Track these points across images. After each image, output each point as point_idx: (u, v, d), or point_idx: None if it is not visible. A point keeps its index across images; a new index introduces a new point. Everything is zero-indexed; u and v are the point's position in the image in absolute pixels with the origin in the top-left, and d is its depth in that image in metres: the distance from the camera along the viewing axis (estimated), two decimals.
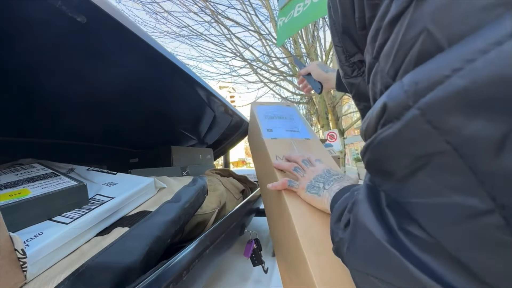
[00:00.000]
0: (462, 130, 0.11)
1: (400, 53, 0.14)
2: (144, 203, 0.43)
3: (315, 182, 0.37)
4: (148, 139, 0.94)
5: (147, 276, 0.28)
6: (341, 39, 0.24)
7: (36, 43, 0.37)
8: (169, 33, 4.74)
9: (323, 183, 0.36)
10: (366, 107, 0.25)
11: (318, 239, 0.33)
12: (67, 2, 0.30)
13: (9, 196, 0.31)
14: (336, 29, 0.24)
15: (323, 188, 0.35)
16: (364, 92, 0.25)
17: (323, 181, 0.36)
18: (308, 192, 0.37)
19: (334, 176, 0.36)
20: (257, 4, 4.34)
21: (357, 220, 0.19)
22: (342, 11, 0.22)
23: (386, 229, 0.16)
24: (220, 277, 0.67)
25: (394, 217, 0.16)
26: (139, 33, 0.39)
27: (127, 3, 8.06)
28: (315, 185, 0.37)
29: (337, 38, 0.24)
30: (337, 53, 0.25)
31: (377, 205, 0.18)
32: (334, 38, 0.25)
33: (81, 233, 0.31)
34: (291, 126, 0.61)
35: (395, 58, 0.14)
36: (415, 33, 0.13)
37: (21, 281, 0.23)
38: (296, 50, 4.26)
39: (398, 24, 0.14)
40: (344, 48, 0.24)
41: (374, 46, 0.17)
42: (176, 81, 0.60)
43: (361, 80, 0.24)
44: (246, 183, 0.98)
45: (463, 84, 0.10)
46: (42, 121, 0.59)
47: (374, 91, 0.18)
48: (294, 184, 0.40)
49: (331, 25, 0.25)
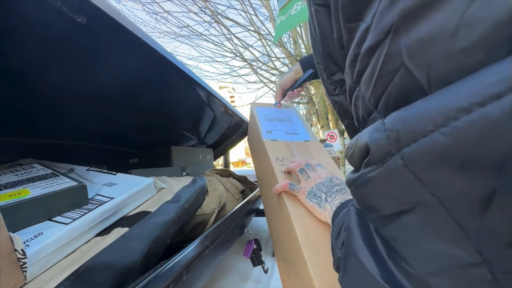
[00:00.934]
0: (446, 185, 0.10)
1: (380, 84, 0.14)
2: (144, 203, 0.44)
3: (317, 191, 0.37)
4: (148, 139, 0.94)
5: (147, 276, 0.28)
6: (322, 57, 0.23)
7: (36, 44, 0.37)
8: (169, 33, 4.74)
9: (325, 194, 0.35)
10: (350, 124, 0.25)
11: (317, 240, 0.33)
12: (67, 3, 0.30)
13: (9, 196, 0.31)
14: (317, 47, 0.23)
15: (324, 200, 0.34)
16: (347, 110, 0.24)
17: (325, 191, 0.35)
18: (309, 199, 0.37)
19: (336, 186, 0.35)
20: (257, 4, 4.33)
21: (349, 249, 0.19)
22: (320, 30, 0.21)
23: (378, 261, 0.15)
24: (220, 277, 0.67)
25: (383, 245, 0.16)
26: (139, 34, 0.39)
27: (127, 3, 8.07)
28: (317, 193, 0.36)
29: (318, 55, 0.24)
30: (319, 70, 0.25)
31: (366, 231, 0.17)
32: (316, 55, 0.24)
33: (81, 233, 0.31)
34: (291, 128, 0.61)
35: (375, 88, 0.14)
36: (392, 67, 0.13)
37: (21, 281, 0.23)
38: (296, 50, 4.26)
39: (376, 55, 0.14)
40: (325, 65, 0.24)
41: (353, 71, 0.16)
42: (176, 81, 0.60)
43: (343, 98, 0.24)
44: (246, 183, 0.98)
45: (446, 143, 0.10)
46: (42, 121, 0.60)
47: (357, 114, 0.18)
48: (295, 188, 0.39)
49: (312, 41, 0.24)
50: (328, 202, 0.33)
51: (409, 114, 0.11)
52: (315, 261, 0.31)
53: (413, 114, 0.11)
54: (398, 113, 0.12)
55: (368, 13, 0.14)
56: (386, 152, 0.12)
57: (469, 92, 0.09)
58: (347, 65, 0.17)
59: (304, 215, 0.37)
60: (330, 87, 0.25)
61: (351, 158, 0.16)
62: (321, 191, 0.36)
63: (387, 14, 0.12)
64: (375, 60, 0.14)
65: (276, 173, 0.46)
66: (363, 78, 0.15)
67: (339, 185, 0.36)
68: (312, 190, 0.37)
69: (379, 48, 0.13)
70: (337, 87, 0.24)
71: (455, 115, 0.10)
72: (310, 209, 0.37)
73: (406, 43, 0.12)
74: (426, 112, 0.11)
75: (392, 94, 0.13)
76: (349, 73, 0.17)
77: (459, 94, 0.10)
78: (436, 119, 0.10)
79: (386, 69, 0.13)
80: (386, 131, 0.12)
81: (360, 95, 0.16)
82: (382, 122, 0.13)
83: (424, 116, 0.11)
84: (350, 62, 0.17)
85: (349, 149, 0.17)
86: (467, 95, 0.09)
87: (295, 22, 2.03)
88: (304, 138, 0.58)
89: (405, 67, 0.12)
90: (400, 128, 0.12)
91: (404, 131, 0.11)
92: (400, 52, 0.12)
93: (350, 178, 0.17)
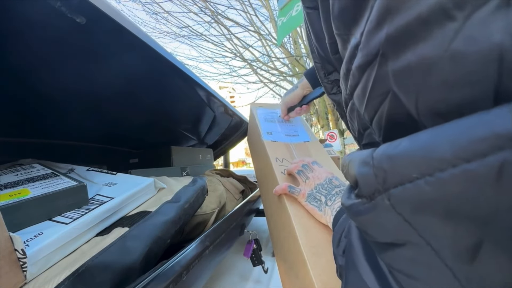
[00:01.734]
0: (433, 231, 0.10)
1: (371, 104, 0.13)
2: (144, 203, 0.44)
3: (316, 193, 0.36)
4: (148, 139, 0.94)
5: (147, 276, 0.28)
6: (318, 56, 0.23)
7: (36, 44, 0.37)
8: (169, 33, 4.75)
9: (324, 197, 0.35)
10: None
11: (317, 240, 0.33)
12: (66, 3, 0.30)
13: (9, 196, 0.31)
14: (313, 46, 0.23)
15: (325, 203, 0.34)
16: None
17: (325, 193, 0.35)
18: (309, 202, 0.36)
19: (336, 188, 0.35)
20: (257, 4, 4.34)
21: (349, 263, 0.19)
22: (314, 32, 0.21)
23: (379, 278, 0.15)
24: (220, 277, 0.67)
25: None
26: (138, 34, 0.39)
27: (127, 4, 8.06)
28: (316, 196, 0.36)
29: (314, 54, 0.24)
30: (316, 69, 0.25)
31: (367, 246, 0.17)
32: (313, 54, 0.24)
33: (81, 233, 0.31)
34: (291, 130, 0.61)
35: (368, 106, 0.14)
36: (382, 91, 0.12)
37: (21, 281, 0.23)
38: (296, 50, 4.26)
39: (366, 74, 0.13)
40: (322, 65, 0.23)
41: (346, 84, 0.16)
42: (176, 81, 0.60)
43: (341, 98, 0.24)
44: (246, 184, 0.98)
45: (432, 194, 0.10)
46: (42, 121, 0.60)
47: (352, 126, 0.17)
48: (295, 190, 0.39)
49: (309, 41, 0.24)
50: (328, 206, 0.33)
51: (396, 155, 0.11)
52: (315, 261, 0.31)
53: (400, 155, 0.11)
54: (386, 150, 0.12)
55: (357, 29, 0.14)
56: (374, 189, 0.12)
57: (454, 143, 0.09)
58: (341, 77, 0.17)
59: (304, 216, 0.37)
60: (328, 86, 0.24)
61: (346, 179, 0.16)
62: (320, 193, 0.36)
63: (374, 37, 0.12)
64: (365, 80, 0.13)
65: (276, 174, 0.46)
66: (355, 93, 0.15)
67: (339, 186, 0.35)
68: (311, 192, 0.37)
69: (368, 68, 0.13)
70: (335, 86, 0.24)
71: (440, 166, 0.09)
72: (311, 212, 0.36)
73: (393, 68, 0.11)
74: (411, 157, 0.10)
75: (383, 117, 0.13)
76: (343, 85, 0.17)
77: (444, 142, 0.09)
78: (421, 166, 0.10)
79: (376, 91, 0.13)
80: (374, 168, 0.12)
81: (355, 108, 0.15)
82: (371, 155, 0.13)
83: (409, 161, 0.10)
84: (343, 75, 0.16)
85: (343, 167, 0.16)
86: (452, 147, 0.09)
87: (296, 23, 2.03)
88: (304, 139, 0.58)
89: (393, 93, 0.12)
90: (387, 168, 0.11)
91: (391, 172, 0.11)
92: (388, 76, 0.12)
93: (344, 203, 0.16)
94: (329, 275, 0.29)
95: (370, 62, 0.13)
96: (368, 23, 0.12)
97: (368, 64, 0.13)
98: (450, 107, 0.10)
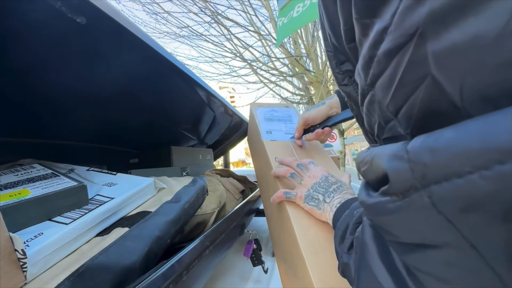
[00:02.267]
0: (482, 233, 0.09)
1: (400, 93, 0.12)
2: (144, 203, 0.44)
3: (314, 193, 0.36)
4: (148, 139, 0.94)
5: (147, 276, 0.28)
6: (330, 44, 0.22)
7: (36, 44, 0.37)
8: (169, 33, 4.75)
9: (322, 195, 0.34)
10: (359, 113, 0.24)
11: (316, 239, 0.33)
12: (66, 3, 0.30)
13: (9, 196, 0.31)
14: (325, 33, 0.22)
15: (323, 201, 0.34)
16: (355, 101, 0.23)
17: (322, 191, 0.35)
18: (307, 203, 0.36)
19: (333, 185, 0.35)
20: (257, 4, 4.34)
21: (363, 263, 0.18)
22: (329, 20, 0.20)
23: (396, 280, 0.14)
24: (220, 277, 0.67)
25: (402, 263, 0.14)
26: (139, 34, 0.39)
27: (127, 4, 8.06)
28: (314, 196, 0.35)
29: (327, 42, 0.23)
30: (328, 58, 0.24)
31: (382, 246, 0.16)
32: (325, 42, 0.23)
33: (81, 233, 0.31)
34: (291, 128, 0.61)
35: (395, 96, 0.13)
36: (416, 77, 0.11)
37: (21, 281, 0.23)
38: (296, 50, 4.26)
39: (395, 60, 0.12)
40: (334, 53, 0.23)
41: (367, 73, 0.14)
42: (176, 81, 0.60)
43: (352, 89, 0.23)
44: (246, 184, 0.98)
45: (488, 189, 0.08)
46: (42, 122, 0.60)
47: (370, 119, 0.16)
48: (291, 195, 0.38)
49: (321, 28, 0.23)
50: (327, 203, 0.33)
51: (439, 147, 0.10)
52: (314, 261, 0.31)
53: (445, 148, 0.10)
54: (425, 142, 0.11)
55: (386, 10, 0.12)
56: (409, 185, 0.11)
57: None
58: (360, 66, 0.15)
59: (303, 215, 0.37)
60: (339, 77, 0.23)
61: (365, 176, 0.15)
62: (318, 192, 0.35)
63: (411, 15, 0.11)
64: (394, 66, 0.12)
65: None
66: (378, 83, 0.14)
67: (335, 183, 0.35)
68: (309, 193, 0.36)
69: (399, 52, 0.12)
70: (346, 77, 0.23)
71: (500, 157, 0.08)
72: (310, 212, 0.36)
73: (434, 50, 0.10)
74: (462, 148, 0.09)
75: (416, 106, 0.12)
76: (362, 74, 0.15)
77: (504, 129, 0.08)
78: (474, 158, 0.09)
79: (409, 77, 0.11)
80: (410, 162, 0.11)
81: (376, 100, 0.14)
82: (405, 148, 0.11)
83: (458, 153, 0.09)
84: (363, 64, 0.15)
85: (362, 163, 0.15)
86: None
87: (297, 24, 2.02)
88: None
89: (432, 78, 0.10)
90: (428, 161, 0.10)
91: (433, 166, 0.10)
92: (426, 59, 0.10)
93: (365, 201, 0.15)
94: (329, 275, 0.29)
95: (402, 44, 0.11)
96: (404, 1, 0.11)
97: (400, 48, 0.11)
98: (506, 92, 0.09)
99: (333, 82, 3.83)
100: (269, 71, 4.78)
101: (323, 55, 4.46)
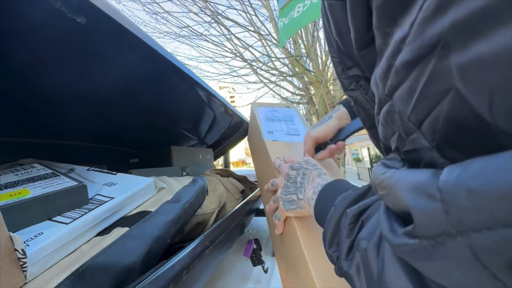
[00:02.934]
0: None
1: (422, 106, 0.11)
2: (144, 203, 0.44)
3: (287, 196, 0.34)
4: (148, 139, 0.94)
5: (147, 276, 0.28)
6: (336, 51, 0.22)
7: (36, 44, 0.37)
8: (169, 33, 4.74)
9: (295, 194, 0.33)
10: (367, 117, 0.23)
11: (319, 240, 0.33)
12: (66, 3, 0.30)
13: (9, 196, 0.31)
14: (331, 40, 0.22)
15: (298, 199, 0.33)
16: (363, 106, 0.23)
17: (293, 190, 0.34)
18: (289, 210, 0.35)
19: (297, 177, 0.33)
20: (257, 4, 4.33)
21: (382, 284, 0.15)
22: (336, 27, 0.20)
23: None
24: (220, 277, 0.67)
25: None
26: (139, 34, 0.39)
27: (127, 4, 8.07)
28: (288, 199, 0.34)
29: (332, 48, 0.22)
30: (333, 64, 0.23)
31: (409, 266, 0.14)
32: (330, 48, 0.23)
33: (81, 233, 0.31)
34: (292, 129, 0.61)
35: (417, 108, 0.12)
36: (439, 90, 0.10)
37: (21, 281, 0.23)
38: (296, 50, 4.26)
39: (415, 71, 0.11)
40: (340, 59, 0.22)
41: (385, 83, 0.14)
42: (176, 81, 0.60)
43: (359, 94, 0.22)
44: (246, 183, 0.98)
45: None
46: (42, 121, 0.60)
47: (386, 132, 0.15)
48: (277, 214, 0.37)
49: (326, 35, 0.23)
50: (302, 200, 0.32)
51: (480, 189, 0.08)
52: (316, 261, 0.31)
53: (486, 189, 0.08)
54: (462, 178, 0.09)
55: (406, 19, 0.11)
56: (442, 230, 0.09)
57: None
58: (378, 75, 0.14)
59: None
60: (345, 82, 0.23)
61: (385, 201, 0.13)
62: (290, 193, 0.34)
63: (432, 25, 0.10)
64: (414, 78, 0.11)
65: (276, 174, 0.46)
66: (397, 93, 0.13)
67: (298, 174, 0.33)
68: (283, 199, 0.35)
69: (420, 64, 0.11)
70: (352, 82, 0.22)
71: None
72: (297, 215, 0.35)
73: (459, 62, 0.09)
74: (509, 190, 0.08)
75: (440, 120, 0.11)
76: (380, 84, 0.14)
77: None
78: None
79: (430, 90, 0.11)
80: (443, 202, 0.09)
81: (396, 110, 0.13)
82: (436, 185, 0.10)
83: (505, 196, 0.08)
84: (381, 73, 0.14)
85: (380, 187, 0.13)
86: None
87: (298, 24, 2.02)
88: None
89: (457, 91, 0.10)
90: (468, 206, 0.09)
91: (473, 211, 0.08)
92: (450, 72, 0.10)
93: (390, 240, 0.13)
94: (331, 275, 0.29)
95: (423, 56, 0.11)
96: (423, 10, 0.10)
97: (420, 60, 0.11)
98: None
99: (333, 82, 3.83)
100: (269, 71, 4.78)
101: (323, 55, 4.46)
